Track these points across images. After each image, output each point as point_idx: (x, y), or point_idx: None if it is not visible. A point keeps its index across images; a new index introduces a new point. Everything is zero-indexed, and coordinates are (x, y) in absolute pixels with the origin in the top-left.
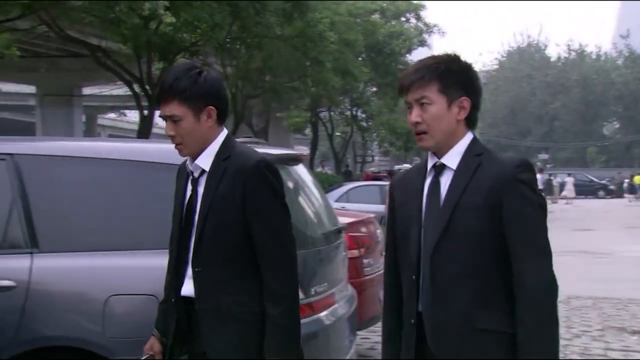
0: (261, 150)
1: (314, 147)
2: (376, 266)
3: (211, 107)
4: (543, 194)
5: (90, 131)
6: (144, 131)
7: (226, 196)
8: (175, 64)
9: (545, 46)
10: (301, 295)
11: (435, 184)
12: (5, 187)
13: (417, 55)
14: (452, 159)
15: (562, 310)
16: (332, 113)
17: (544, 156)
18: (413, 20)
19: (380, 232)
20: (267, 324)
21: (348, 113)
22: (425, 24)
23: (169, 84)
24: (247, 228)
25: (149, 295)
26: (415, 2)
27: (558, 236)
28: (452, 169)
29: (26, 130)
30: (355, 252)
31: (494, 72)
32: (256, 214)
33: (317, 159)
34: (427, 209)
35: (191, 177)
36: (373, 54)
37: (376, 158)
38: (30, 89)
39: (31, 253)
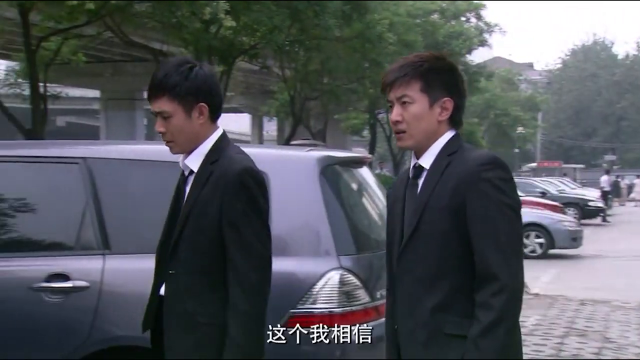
0: (323, 152)
1: (372, 148)
2: None
3: (202, 103)
4: (610, 196)
5: (151, 134)
6: None
7: (206, 202)
8: (167, 60)
9: (612, 44)
10: (367, 298)
11: (413, 186)
12: (78, 190)
13: (478, 55)
14: (428, 159)
15: (633, 317)
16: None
17: (610, 157)
18: (473, 20)
19: None
20: (227, 341)
21: None
22: (486, 24)
23: (159, 80)
24: (223, 239)
25: None
26: (475, 1)
27: (627, 240)
28: (427, 169)
29: (90, 133)
30: None
31: (557, 72)
32: (229, 226)
33: (375, 161)
34: (406, 213)
35: (182, 176)
36: None
37: None
38: (95, 93)
39: (103, 254)
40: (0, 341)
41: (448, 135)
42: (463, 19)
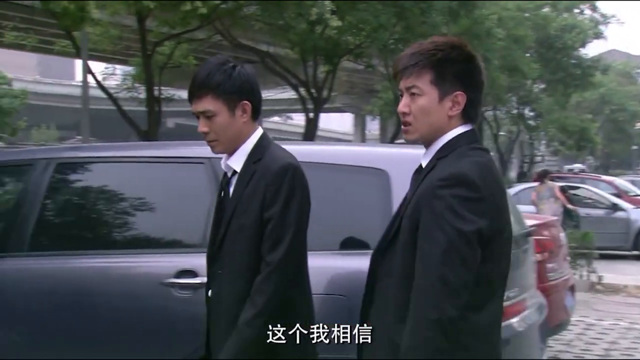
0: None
1: None
2: (560, 271)
3: (246, 101)
4: None
5: None
6: (310, 133)
7: (248, 201)
8: (207, 60)
9: None
10: None
11: (413, 184)
12: (204, 188)
13: (592, 48)
14: (427, 158)
15: None
16: (497, 112)
17: None
18: (587, 12)
19: (563, 236)
20: (236, 325)
21: (515, 111)
22: (602, 15)
23: (202, 79)
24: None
25: (339, 296)
26: None
27: None
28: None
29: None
30: (538, 257)
31: None
32: (267, 221)
33: None
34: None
35: (224, 177)
36: (543, 49)
37: (545, 158)
38: None
39: None
40: (132, 333)
41: (456, 131)
42: (576, 11)
